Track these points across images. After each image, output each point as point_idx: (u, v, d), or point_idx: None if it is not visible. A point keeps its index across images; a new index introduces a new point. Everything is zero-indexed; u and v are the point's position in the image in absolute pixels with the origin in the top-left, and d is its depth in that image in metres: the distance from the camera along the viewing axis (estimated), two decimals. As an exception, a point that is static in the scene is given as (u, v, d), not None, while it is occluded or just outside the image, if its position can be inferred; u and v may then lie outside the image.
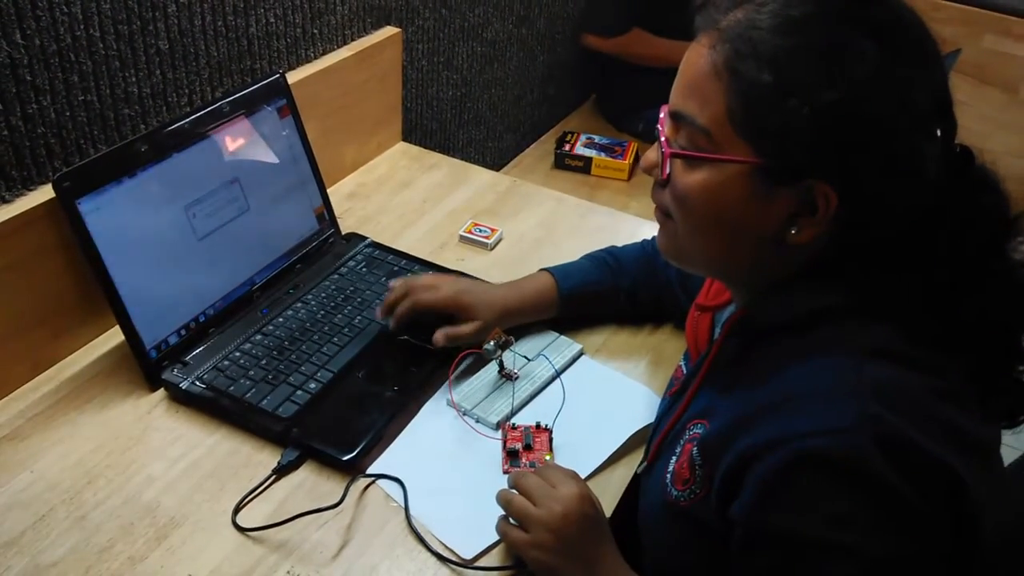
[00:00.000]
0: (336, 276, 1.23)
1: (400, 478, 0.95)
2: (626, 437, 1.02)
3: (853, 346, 0.70)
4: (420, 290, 1.08)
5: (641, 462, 0.94)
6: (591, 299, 1.15)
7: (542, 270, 1.15)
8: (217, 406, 1.01)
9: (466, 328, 1.06)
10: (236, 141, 1.15)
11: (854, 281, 0.72)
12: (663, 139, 0.76)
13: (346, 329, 1.13)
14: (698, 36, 0.74)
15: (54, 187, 0.95)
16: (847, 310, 0.72)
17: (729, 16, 0.72)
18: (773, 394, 0.71)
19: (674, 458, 0.82)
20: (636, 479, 1.13)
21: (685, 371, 0.94)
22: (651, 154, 0.79)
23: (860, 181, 0.69)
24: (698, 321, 0.93)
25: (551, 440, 1.00)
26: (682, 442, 0.82)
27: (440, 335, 1.06)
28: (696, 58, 0.73)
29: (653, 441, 0.90)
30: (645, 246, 1.20)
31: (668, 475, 0.82)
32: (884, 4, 0.70)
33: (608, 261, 1.17)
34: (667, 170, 0.76)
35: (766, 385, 0.72)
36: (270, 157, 1.21)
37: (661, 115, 0.78)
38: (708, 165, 0.72)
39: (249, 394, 1.02)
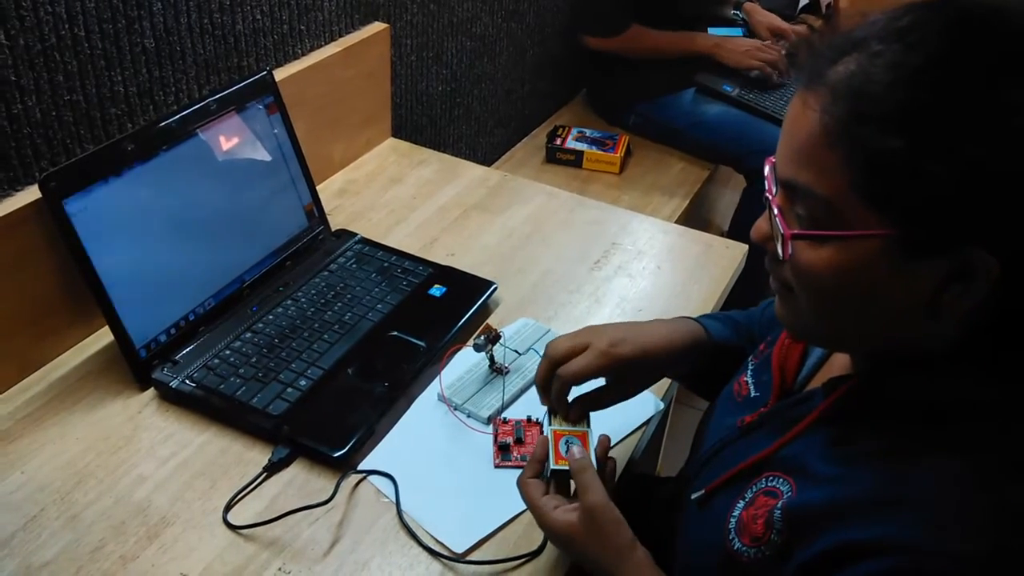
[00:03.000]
0: (326, 273, 1.23)
1: (391, 474, 0.95)
2: (619, 439, 1.02)
3: (999, 455, 0.61)
4: (571, 368, 0.87)
5: (696, 489, 0.81)
6: (727, 354, 0.97)
7: (681, 318, 0.98)
8: (207, 404, 1.01)
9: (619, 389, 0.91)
10: (224, 139, 1.15)
11: (1010, 369, 0.64)
12: (777, 212, 0.67)
13: (336, 326, 1.13)
14: (799, 92, 0.65)
15: (40, 187, 0.95)
16: (998, 407, 0.63)
17: (837, 69, 0.62)
18: (894, 487, 0.63)
19: (742, 503, 0.73)
20: (646, 481, 1.13)
21: (753, 392, 0.85)
22: (762, 225, 0.70)
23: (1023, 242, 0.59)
24: (789, 350, 0.83)
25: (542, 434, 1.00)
26: (755, 489, 0.73)
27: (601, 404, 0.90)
28: (804, 121, 0.63)
29: (721, 473, 0.78)
30: (747, 311, 1.05)
31: (732, 520, 0.73)
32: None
33: (732, 320, 1.02)
34: (788, 251, 0.66)
35: (886, 472, 0.64)
36: (258, 154, 1.21)
37: (766, 172, 0.70)
38: (836, 240, 0.63)
39: (239, 392, 1.02)
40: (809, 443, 0.72)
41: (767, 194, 0.69)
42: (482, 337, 1.07)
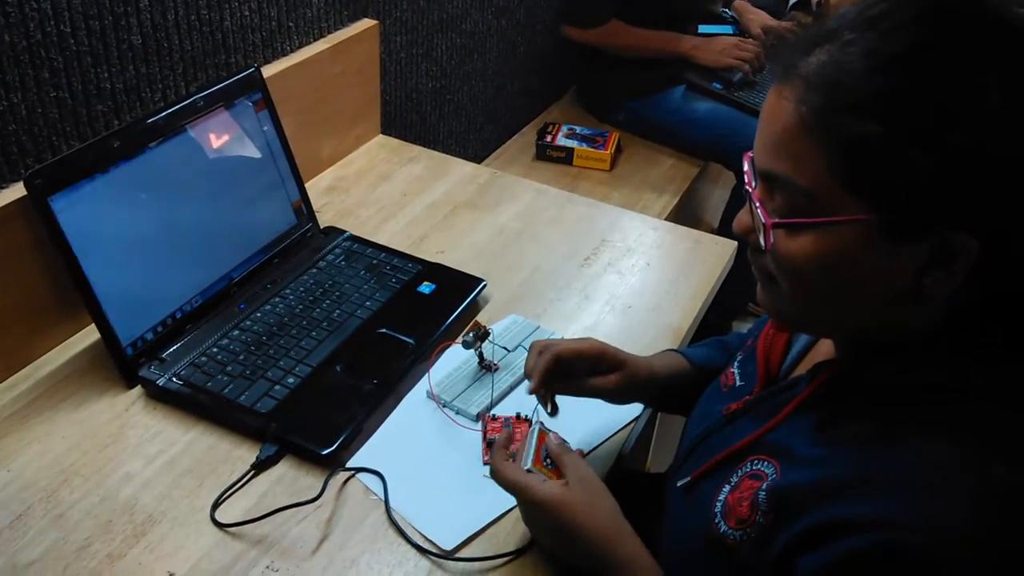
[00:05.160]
0: (314, 270, 1.22)
1: (380, 471, 0.95)
2: (608, 435, 1.02)
3: (979, 436, 0.62)
4: (559, 343, 0.95)
5: (681, 476, 0.82)
6: (714, 375, 0.99)
7: (665, 351, 1.06)
8: (195, 402, 1.01)
9: (612, 378, 0.95)
10: (211, 136, 1.14)
11: (990, 352, 0.65)
12: (757, 204, 0.67)
13: (324, 323, 1.12)
14: (774, 86, 0.66)
15: (26, 184, 0.95)
16: (979, 389, 0.64)
17: (810, 60, 0.63)
18: (878, 466, 0.63)
19: (728, 488, 0.74)
20: (634, 477, 1.13)
21: (739, 382, 0.87)
22: (744, 217, 0.71)
23: (1003, 225, 0.60)
24: (774, 340, 0.85)
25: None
26: (740, 473, 0.73)
27: (586, 384, 0.94)
28: (779, 112, 0.64)
29: (706, 459, 0.79)
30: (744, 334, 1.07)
31: (718, 505, 0.74)
32: (998, 21, 0.60)
33: (721, 343, 1.07)
34: (770, 241, 0.66)
35: (869, 453, 0.65)
36: (246, 151, 1.20)
37: (745, 167, 0.71)
38: (817, 228, 0.64)
39: (227, 390, 1.02)
40: (794, 427, 0.72)
41: (747, 187, 0.70)
42: (471, 334, 1.07)
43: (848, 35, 0.61)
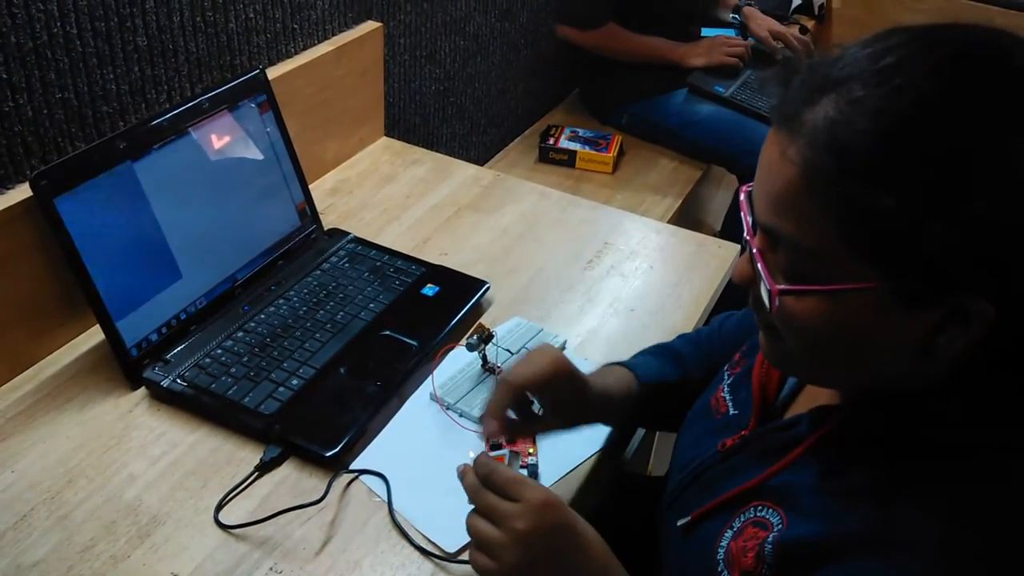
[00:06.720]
0: (318, 272, 1.23)
1: (383, 473, 0.95)
2: (606, 439, 1.02)
3: (994, 488, 0.60)
4: (524, 374, 0.85)
5: (680, 514, 0.79)
6: (666, 392, 0.97)
7: (608, 364, 0.98)
8: (199, 404, 1.01)
9: (559, 420, 0.90)
10: (216, 137, 1.15)
11: (1000, 406, 0.63)
12: (760, 262, 0.64)
13: (328, 325, 1.13)
14: (775, 132, 0.61)
15: (31, 185, 0.95)
16: (986, 443, 0.62)
17: (815, 112, 0.58)
18: (886, 525, 0.61)
19: (730, 532, 0.71)
20: (636, 480, 1.13)
21: (732, 410, 0.84)
22: (744, 267, 0.67)
23: (1020, 289, 0.57)
24: (770, 370, 0.81)
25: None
26: (743, 519, 0.71)
27: (536, 428, 0.91)
28: (782, 169, 0.59)
29: (706, 499, 0.76)
30: (700, 334, 1.06)
31: (720, 551, 0.71)
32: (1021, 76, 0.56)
33: (672, 353, 1.03)
34: (775, 305, 0.63)
35: (877, 508, 0.62)
36: (251, 153, 1.20)
37: (741, 197, 0.68)
38: (825, 293, 0.61)
39: (231, 391, 1.02)
40: (797, 473, 0.70)
41: (746, 235, 0.66)
42: (475, 336, 1.07)
43: (857, 90, 0.57)
